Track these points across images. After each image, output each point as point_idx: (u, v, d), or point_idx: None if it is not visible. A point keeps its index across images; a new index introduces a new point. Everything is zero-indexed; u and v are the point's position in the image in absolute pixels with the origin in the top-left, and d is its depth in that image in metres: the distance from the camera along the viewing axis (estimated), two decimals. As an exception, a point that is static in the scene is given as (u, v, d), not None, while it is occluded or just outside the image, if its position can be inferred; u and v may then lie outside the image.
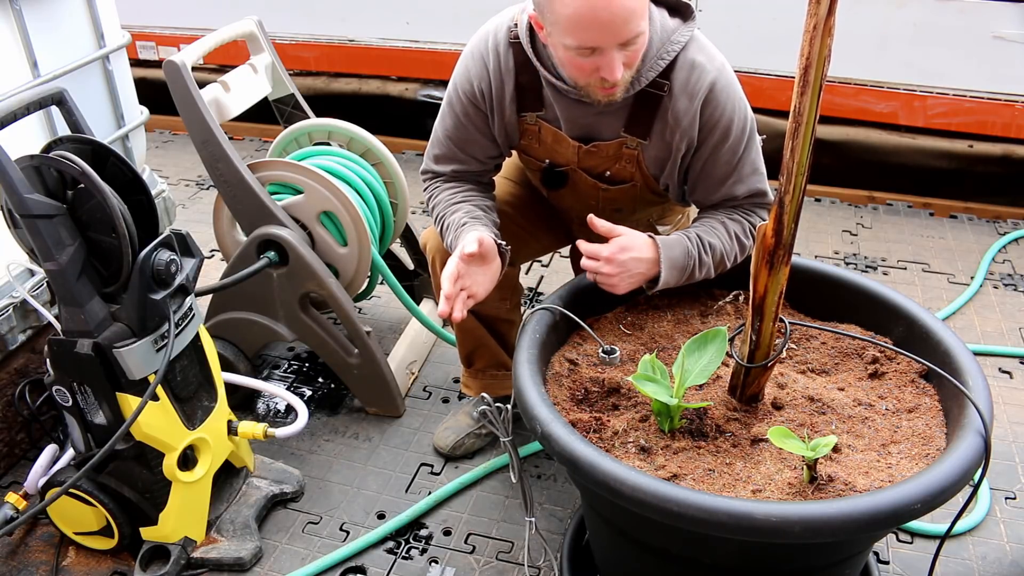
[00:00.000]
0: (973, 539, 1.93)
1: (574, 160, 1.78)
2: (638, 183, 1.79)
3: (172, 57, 2.02)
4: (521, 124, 1.78)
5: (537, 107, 1.74)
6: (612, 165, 1.76)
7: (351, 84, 4.07)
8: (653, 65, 1.61)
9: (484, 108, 1.77)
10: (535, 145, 1.81)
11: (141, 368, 1.64)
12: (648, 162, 1.74)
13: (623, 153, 1.73)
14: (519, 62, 1.69)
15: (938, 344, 1.53)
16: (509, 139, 1.82)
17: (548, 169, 1.83)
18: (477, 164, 1.86)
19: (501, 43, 1.70)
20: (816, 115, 1.22)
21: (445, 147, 1.85)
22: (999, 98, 3.27)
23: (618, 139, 1.71)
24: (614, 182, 1.80)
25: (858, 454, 1.41)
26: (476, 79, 1.74)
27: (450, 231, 1.76)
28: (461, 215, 1.75)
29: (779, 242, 1.32)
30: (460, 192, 1.83)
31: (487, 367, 2.12)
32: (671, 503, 1.22)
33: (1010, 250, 3.14)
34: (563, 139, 1.75)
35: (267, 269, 2.12)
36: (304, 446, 2.23)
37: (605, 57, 1.49)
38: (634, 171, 1.76)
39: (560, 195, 1.91)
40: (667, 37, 1.62)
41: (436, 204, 1.84)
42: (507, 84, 1.72)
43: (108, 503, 1.77)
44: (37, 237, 1.51)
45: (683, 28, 1.64)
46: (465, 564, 1.89)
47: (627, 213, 1.90)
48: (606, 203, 1.86)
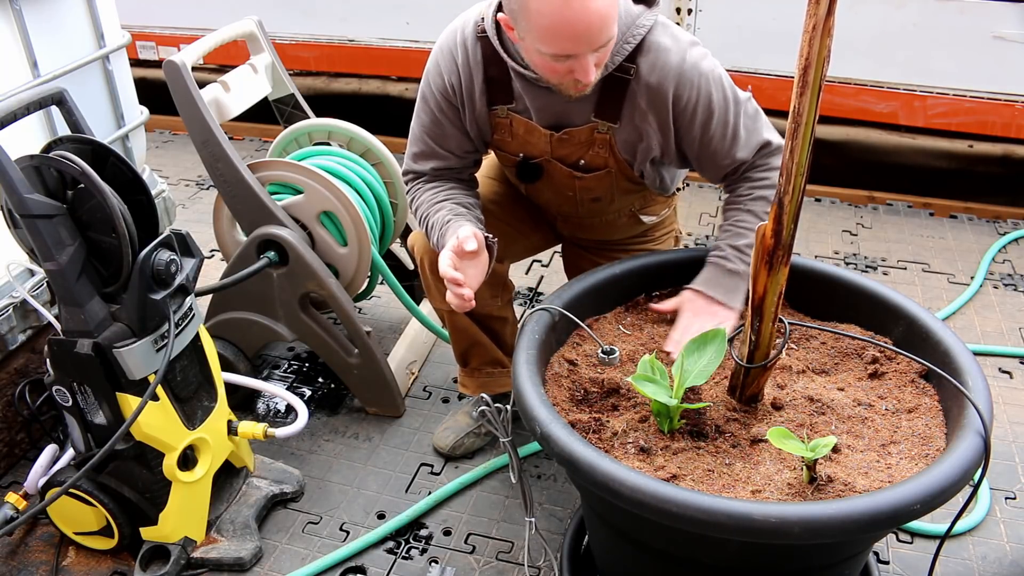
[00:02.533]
0: (973, 539, 1.93)
1: (547, 150, 1.79)
2: (612, 169, 1.80)
3: (172, 57, 2.03)
4: (492, 118, 1.80)
5: (507, 100, 1.76)
6: (585, 152, 1.78)
7: (351, 84, 4.07)
8: (619, 50, 1.63)
9: (455, 102, 1.79)
10: (508, 139, 1.83)
11: (141, 368, 1.64)
12: (620, 146, 1.76)
13: (595, 138, 1.75)
14: (487, 55, 1.72)
15: (938, 344, 1.53)
16: (482, 133, 1.84)
17: (523, 163, 1.85)
18: (455, 159, 1.87)
19: (469, 37, 1.73)
20: (815, 115, 1.22)
21: (423, 144, 1.87)
22: (999, 98, 3.26)
23: (589, 124, 1.73)
24: (588, 170, 1.81)
25: (858, 454, 1.41)
26: (446, 73, 1.77)
27: (435, 229, 1.78)
28: (445, 213, 1.77)
29: (778, 242, 1.32)
30: (442, 191, 1.84)
31: (482, 365, 2.13)
32: (670, 504, 1.22)
33: (1010, 250, 3.14)
34: (535, 129, 1.77)
35: (267, 269, 2.12)
36: (304, 446, 2.23)
37: (579, 62, 1.52)
38: (607, 156, 1.78)
39: (537, 189, 1.93)
40: (632, 22, 1.64)
41: (419, 205, 1.86)
42: (476, 77, 1.74)
43: (108, 503, 1.77)
44: (37, 237, 1.51)
45: (647, 13, 1.66)
46: (465, 564, 1.89)
47: (606, 203, 1.91)
48: (583, 193, 1.87)
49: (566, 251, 2.20)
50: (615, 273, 1.77)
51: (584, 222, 2.01)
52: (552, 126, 1.76)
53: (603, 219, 1.98)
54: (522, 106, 1.76)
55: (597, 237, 2.06)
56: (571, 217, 2.01)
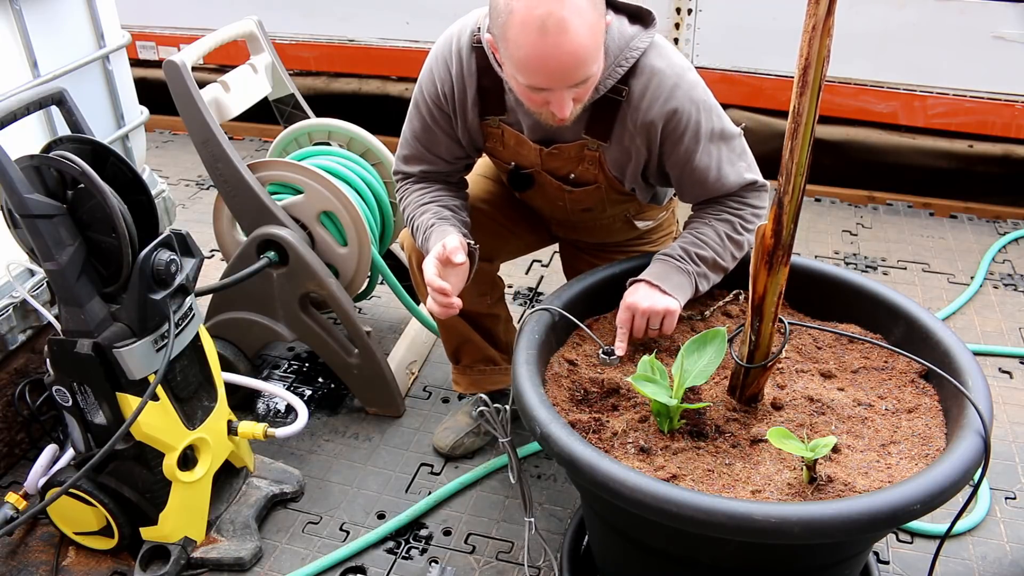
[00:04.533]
0: (973, 539, 1.93)
1: (537, 162, 1.79)
2: (602, 184, 1.80)
3: (172, 57, 2.02)
4: (484, 128, 1.80)
5: (500, 111, 1.75)
6: (575, 167, 1.77)
7: (351, 84, 4.07)
8: (612, 72, 1.61)
9: (448, 110, 1.78)
10: (499, 148, 1.83)
11: (141, 368, 1.64)
12: (610, 164, 1.75)
13: (585, 155, 1.74)
14: (481, 66, 1.70)
15: (938, 344, 1.53)
16: (473, 141, 1.83)
17: (514, 171, 1.85)
18: (445, 164, 1.87)
19: (464, 47, 1.71)
20: (815, 115, 1.22)
21: (413, 148, 1.87)
22: (999, 98, 3.26)
23: (579, 141, 1.72)
24: (578, 184, 1.81)
25: (858, 454, 1.41)
26: (439, 82, 1.76)
27: (420, 232, 1.78)
28: (429, 216, 1.77)
29: (778, 243, 1.33)
30: (429, 192, 1.84)
31: (474, 362, 2.13)
32: (670, 504, 1.22)
33: (1010, 250, 3.14)
34: (525, 142, 1.76)
35: (267, 269, 2.12)
36: (304, 446, 2.24)
37: (555, 96, 1.51)
38: (597, 173, 1.77)
39: (529, 196, 1.93)
40: (625, 44, 1.62)
41: (407, 206, 1.86)
42: (469, 88, 1.73)
43: (108, 503, 1.77)
44: (37, 237, 1.51)
45: (643, 35, 1.63)
46: (465, 564, 1.89)
47: (597, 212, 1.91)
48: (572, 204, 1.87)
49: (564, 252, 2.20)
50: (615, 273, 1.77)
51: (579, 227, 2.01)
52: (542, 140, 1.75)
53: (598, 224, 1.98)
54: (514, 118, 1.75)
55: (593, 240, 2.06)
56: (565, 222, 2.01)
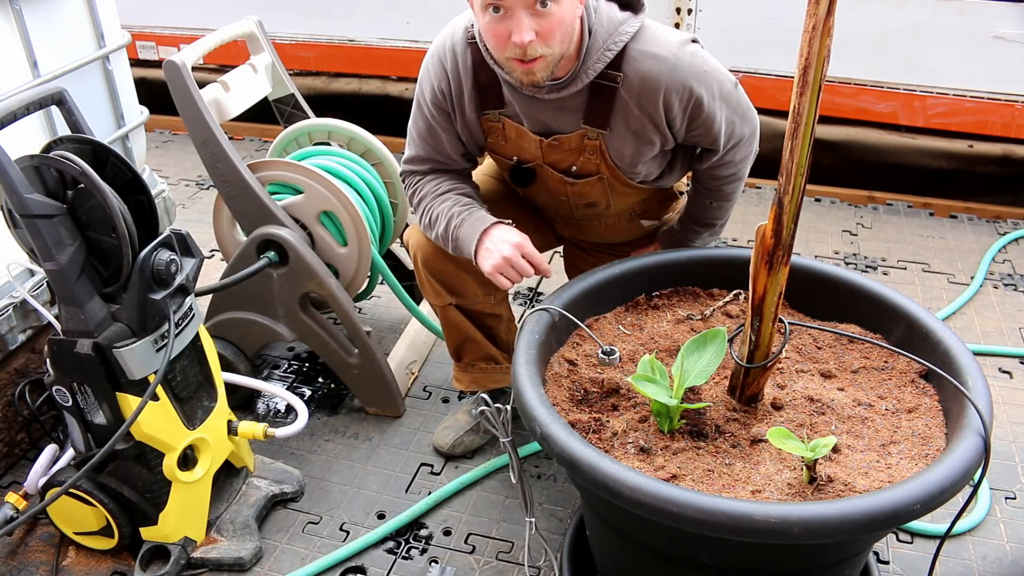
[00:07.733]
0: (973, 539, 1.93)
1: (538, 155, 1.80)
2: (605, 175, 1.81)
3: (172, 57, 2.03)
4: (485, 123, 1.81)
5: (499, 104, 1.77)
6: (576, 159, 1.79)
7: (351, 84, 4.07)
8: (600, 56, 1.64)
9: (447, 108, 1.80)
10: (501, 142, 1.83)
11: (141, 368, 1.64)
12: (612, 153, 1.76)
13: (585, 145, 1.76)
14: (477, 61, 1.72)
15: (938, 344, 1.53)
16: (474, 138, 1.85)
17: (516, 166, 1.86)
18: (452, 163, 1.89)
19: (459, 44, 1.74)
20: (815, 115, 1.22)
21: (420, 148, 1.88)
22: (999, 98, 3.26)
23: (579, 131, 1.74)
24: (580, 176, 1.82)
25: (858, 454, 1.41)
26: (436, 80, 1.78)
27: (441, 220, 1.78)
28: (451, 204, 1.79)
29: (778, 243, 1.32)
30: (444, 183, 1.85)
31: (475, 360, 2.13)
32: (670, 504, 1.22)
33: (1010, 250, 3.14)
34: (525, 134, 1.77)
35: (267, 269, 2.12)
36: (304, 446, 2.23)
37: (515, 19, 1.51)
38: (599, 163, 1.78)
39: (532, 192, 1.94)
40: (614, 28, 1.64)
41: (422, 197, 1.86)
42: (466, 84, 1.75)
43: (108, 503, 1.77)
44: (37, 237, 1.51)
45: (632, 20, 1.66)
46: (465, 564, 1.89)
47: (602, 207, 1.92)
48: (576, 198, 1.88)
49: (566, 252, 2.20)
50: (615, 273, 1.77)
51: (583, 225, 2.01)
52: (542, 132, 1.76)
53: (602, 222, 1.98)
54: (513, 111, 1.77)
55: (597, 240, 2.06)
56: (570, 220, 2.01)
